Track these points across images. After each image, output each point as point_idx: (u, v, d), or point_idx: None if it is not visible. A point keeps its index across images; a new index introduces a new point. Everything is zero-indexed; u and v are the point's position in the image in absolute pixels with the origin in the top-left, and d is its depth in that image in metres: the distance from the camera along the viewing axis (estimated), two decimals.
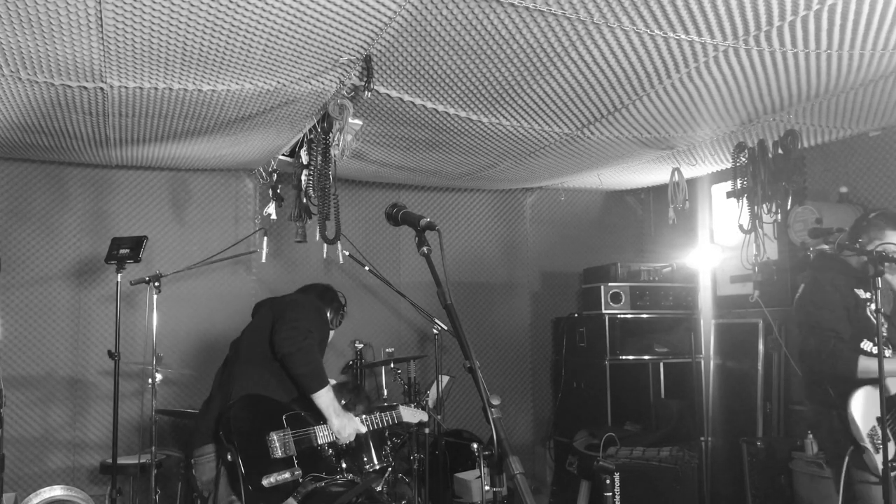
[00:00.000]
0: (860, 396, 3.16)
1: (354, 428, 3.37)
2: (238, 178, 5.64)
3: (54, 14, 2.65)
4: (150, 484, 4.17)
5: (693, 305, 5.34)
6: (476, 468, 4.83)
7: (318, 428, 3.33)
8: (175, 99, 3.63)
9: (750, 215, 4.17)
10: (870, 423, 3.13)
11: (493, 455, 1.61)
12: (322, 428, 3.34)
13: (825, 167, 4.79)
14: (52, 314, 5.10)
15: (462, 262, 6.16)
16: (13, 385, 4.89)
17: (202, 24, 2.78)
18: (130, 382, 5.04)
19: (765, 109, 3.87)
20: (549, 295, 6.50)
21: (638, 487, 4.49)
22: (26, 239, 5.07)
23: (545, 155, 4.82)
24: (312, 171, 4.00)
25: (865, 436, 3.10)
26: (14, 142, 4.42)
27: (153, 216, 5.38)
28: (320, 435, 3.32)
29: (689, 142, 4.54)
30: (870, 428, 3.11)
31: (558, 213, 6.58)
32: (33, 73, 3.24)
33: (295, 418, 3.29)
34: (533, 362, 6.41)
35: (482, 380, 1.69)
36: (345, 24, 2.83)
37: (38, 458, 4.97)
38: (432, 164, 5.16)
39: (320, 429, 3.34)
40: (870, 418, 3.13)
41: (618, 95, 3.62)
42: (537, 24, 2.83)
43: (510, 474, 1.56)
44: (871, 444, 3.08)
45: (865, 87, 3.56)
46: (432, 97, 3.68)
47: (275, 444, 3.15)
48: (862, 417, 3.12)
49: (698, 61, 3.18)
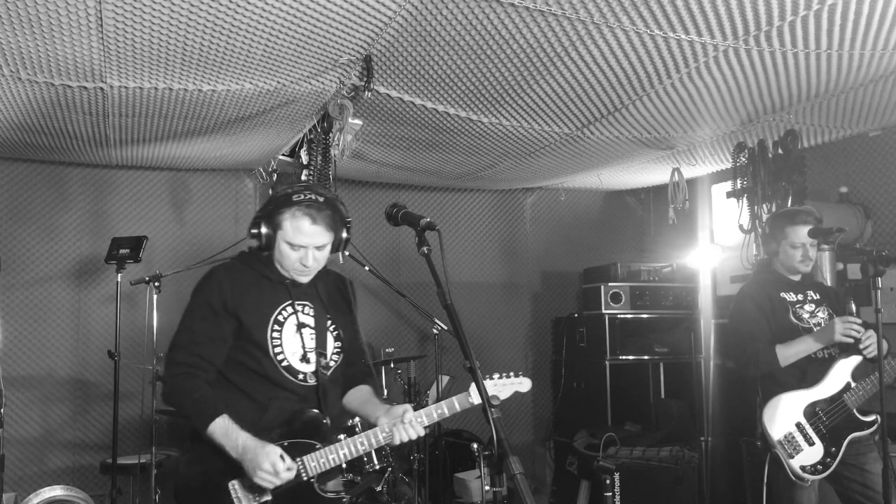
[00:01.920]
0: (774, 404, 3.18)
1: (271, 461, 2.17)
2: (238, 178, 5.64)
3: (54, 14, 2.65)
4: (150, 484, 4.17)
5: (693, 305, 5.33)
6: (476, 468, 4.83)
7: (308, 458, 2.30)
8: (175, 99, 3.63)
9: (750, 215, 4.17)
10: (784, 430, 3.14)
11: (493, 455, 1.61)
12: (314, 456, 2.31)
13: (825, 167, 4.79)
14: (52, 314, 5.10)
15: (462, 262, 6.16)
16: (13, 385, 4.88)
17: (202, 24, 2.78)
18: (130, 382, 5.04)
19: (765, 109, 3.87)
20: (549, 295, 6.50)
21: (638, 487, 4.49)
22: (26, 239, 5.07)
23: (545, 155, 4.82)
24: (312, 171, 4.00)
25: (776, 442, 3.12)
26: (14, 142, 4.42)
27: (153, 216, 5.38)
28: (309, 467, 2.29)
29: (689, 142, 4.54)
30: (783, 434, 3.13)
31: (558, 213, 6.58)
32: (33, 73, 3.24)
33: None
34: (533, 362, 6.41)
35: (482, 380, 1.69)
36: (345, 24, 2.83)
37: (38, 458, 4.97)
38: (432, 164, 5.16)
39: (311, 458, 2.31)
40: (786, 424, 3.15)
41: (618, 95, 3.62)
42: (537, 24, 2.83)
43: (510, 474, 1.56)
44: (781, 451, 3.10)
45: (865, 87, 3.56)
46: (432, 97, 3.68)
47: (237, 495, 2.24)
48: (775, 424, 3.15)
49: (698, 61, 3.18)
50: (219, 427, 2.21)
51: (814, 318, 3.30)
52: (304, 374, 2.37)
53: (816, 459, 3.11)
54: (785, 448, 3.11)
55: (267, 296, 2.39)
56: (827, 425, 3.13)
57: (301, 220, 2.29)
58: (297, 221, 2.30)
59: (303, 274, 2.39)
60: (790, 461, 3.10)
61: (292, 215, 2.30)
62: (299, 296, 2.42)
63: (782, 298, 3.32)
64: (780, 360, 3.18)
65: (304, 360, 2.39)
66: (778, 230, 3.35)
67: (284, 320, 2.38)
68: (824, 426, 3.13)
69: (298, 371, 2.37)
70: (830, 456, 3.11)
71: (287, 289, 2.41)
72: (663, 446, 4.72)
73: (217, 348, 2.34)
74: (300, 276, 2.40)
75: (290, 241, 2.31)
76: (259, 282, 2.40)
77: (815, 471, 3.10)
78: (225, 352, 2.36)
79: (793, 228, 3.29)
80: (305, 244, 2.31)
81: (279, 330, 2.37)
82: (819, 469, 3.10)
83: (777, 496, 3.19)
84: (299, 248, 2.32)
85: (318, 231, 2.32)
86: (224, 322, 2.33)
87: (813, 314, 3.31)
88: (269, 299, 2.38)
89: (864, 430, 3.16)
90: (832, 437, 3.13)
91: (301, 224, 2.29)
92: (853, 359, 3.22)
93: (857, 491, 3.15)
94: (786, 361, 3.18)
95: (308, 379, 2.38)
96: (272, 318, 2.36)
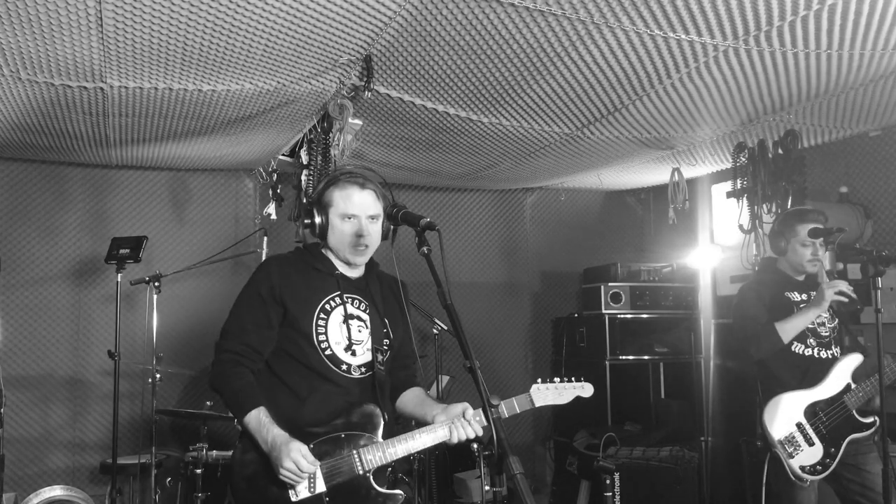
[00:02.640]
0: (775, 403, 3.18)
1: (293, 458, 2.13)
2: (238, 178, 5.63)
3: (54, 14, 2.65)
4: (151, 484, 4.18)
5: (693, 305, 5.33)
6: (476, 468, 4.83)
7: (365, 450, 2.27)
8: (175, 99, 3.63)
9: (750, 215, 4.17)
10: (785, 430, 3.14)
11: (493, 455, 1.61)
12: (371, 449, 2.28)
13: (825, 167, 4.79)
14: (52, 314, 5.10)
15: (462, 262, 6.16)
16: (13, 385, 4.88)
17: (202, 24, 2.78)
18: (130, 382, 5.04)
19: (765, 109, 3.87)
20: (549, 295, 6.50)
21: (638, 487, 4.49)
22: (26, 239, 5.07)
23: (545, 155, 4.82)
24: (312, 171, 4.00)
25: (777, 442, 3.12)
26: (14, 142, 4.42)
27: (153, 216, 5.37)
28: (365, 460, 2.26)
29: (689, 142, 4.54)
30: (784, 435, 3.13)
31: (558, 213, 6.58)
32: (33, 73, 3.24)
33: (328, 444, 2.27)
34: (533, 362, 6.41)
35: (482, 380, 1.69)
36: (345, 24, 2.83)
37: (38, 458, 4.97)
38: (432, 164, 5.16)
39: (368, 450, 2.28)
40: (786, 424, 3.15)
41: (618, 95, 3.62)
42: (537, 24, 2.83)
43: (510, 474, 1.56)
44: (781, 451, 3.10)
45: (865, 87, 3.56)
46: (432, 97, 3.68)
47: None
48: (776, 424, 3.15)
49: (698, 61, 3.18)
50: (253, 419, 2.20)
51: (818, 317, 3.30)
52: (349, 366, 2.34)
53: (816, 460, 3.11)
54: (785, 448, 3.11)
55: (315, 285, 2.37)
56: (827, 426, 3.13)
57: (350, 188, 2.31)
58: (347, 191, 2.32)
59: (360, 251, 2.35)
60: (790, 461, 3.10)
61: (341, 188, 2.33)
62: (349, 289, 2.40)
63: (787, 297, 3.32)
64: (781, 334, 3.17)
65: (348, 351, 2.35)
66: (788, 228, 3.34)
67: (331, 310, 2.36)
68: (824, 427, 3.13)
69: (342, 361, 2.33)
70: (830, 456, 3.11)
71: (336, 280, 2.39)
72: (663, 446, 4.73)
73: (265, 336, 2.33)
74: (358, 256, 2.37)
75: (343, 212, 2.31)
76: (308, 272, 2.38)
77: (815, 471, 3.10)
78: (273, 340, 2.34)
79: (804, 226, 3.29)
80: (358, 213, 2.31)
81: (325, 319, 2.34)
82: (818, 469, 3.10)
83: (777, 496, 3.19)
84: (353, 217, 2.31)
85: (369, 198, 2.32)
86: (271, 310, 2.31)
87: None
88: (317, 288, 2.37)
89: (864, 431, 3.16)
90: (832, 438, 3.13)
91: (351, 192, 2.31)
92: (854, 359, 3.22)
93: (857, 491, 3.15)
94: (787, 336, 3.17)
95: (352, 371, 2.34)
96: (318, 306, 2.34)
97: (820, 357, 3.23)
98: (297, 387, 2.31)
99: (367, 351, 2.37)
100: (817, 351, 3.24)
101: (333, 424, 2.28)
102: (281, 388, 2.33)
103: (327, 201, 2.35)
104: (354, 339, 2.35)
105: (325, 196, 2.35)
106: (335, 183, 2.35)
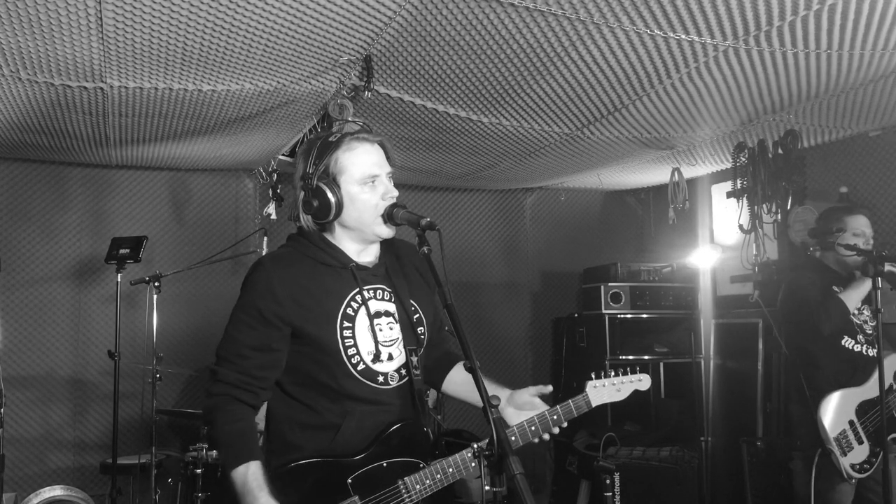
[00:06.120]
0: (831, 400, 3.19)
1: None
2: (238, 178, 5.63)
3: (54, 14, 2.65)
4: (151, 484, 4.18)
5: (693, 305, 5.33)
6: None
7: (412, 479, 1.95)
8: (175, 99, 3.63)
9: (750, 215, 4.17)
10: (839, 427, 3.15)
11: (493, 455, 1.60)
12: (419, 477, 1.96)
13: (825, 167, 4.79)
14: (52, 314, 5.10)
15: (462, 262, 6.16)
16: (13, 385, 4.88)
17: (202, 24, 2.78)
18: (130, 382, 5.04)
19: (765, 109, 3.87)
20: (549, 295, 6.50)
21: (638, 487, 4.49)
22: (26, 239, 5.07)
23: (545, 155, 4.82)
24: None
25: (832, 439, 3.13)
26: (14, 142, 4.42)
27: (153, 216, 5.37)
28: (413, 490, 1.95)
29: (689, 142, 4.54)
30: (838, 432, 3.14)
31: (558, 213, 6.58)
32: (33, 73, 3.24)
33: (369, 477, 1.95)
34: (533, 362, 6.41)
35: (482, 380, 1.69)
36: (345, 24, 2.83)
37: (38, 458, 4.97)
38: (432, 164, 5.16)
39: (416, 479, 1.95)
40: (840, 422, 3.16)
41: (618, 95, 3.62)
42: (537, 24, 2.83)
43: (510, 474, 1.55)
44: (836, 448, 3.11)
45: (865, 87, 3.56)
46: (432, 97, 3.68)
47: None
48: (831, 421, 3.15)
49: (698, 61, 3.18)
50: (239, 477, 1.82)
51: (861, 315, 3.31)
52: (385, 375, 1.97)
53: (863, 458, 3.13)
54: (840, 445, 3.12)
55: (330, 288, 1.95)
56: (874, 424, 3.14)
57: (360, 146, 1.93)
58: (358, 150, 1.93)
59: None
60: (843, 459, 3.10)
61: (348, 149, 1.92)
62: (368, 279, 2.00)
63: (834, 291, 3.32)
64: (847, 303, 3.18)
65: (381, 358, 1.97)
66: (836, 222, 3.35)
67: (355, 313, 1.96)
68: (872, 425, 3.14)
69: (377, 373, 1.96)
70: (875, 455, 3.13)
71: (352, 273, 1.97)
72: (663, 446, 4.72)
73: (267, 360, 1.94)
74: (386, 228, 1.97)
75: (363, 175, 1.91)
76: (317, 272, 1.96)
77: (862, 469, 3.13)
78: (279, 360, 1.95)
79: (852, 217, 3.31)
80: (377, 173, 1.93)
81: (350, 327, 1.94)
82: (865, 468, 3.13)
83: (817, 494, 3.19)
84: (375, 179, 1.93)
85: (381, 154, 1.97)
86: (273, 331, 1.92)
87: (860, 311, 3.34)
88: (332, 292, 1.95)
89: None
90: (877, 437, 3.14)
91: (364, 150, 1.93)
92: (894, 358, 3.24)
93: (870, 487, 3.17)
94: (851, 303, 3.19)
95: (389, 380, 1.98)
96: (340, 314, 1.94)
97: (868, 354, 3.25)
98: (325, 412, 1.94)
99: (401, 351, 2.01)
100: (866, 348, 3.26)
101: (372, 452, 1.95)
102: (304, 415, 1.97)
103: (336, 171, 1.91)
104: (386, 339, 1.98)
105: (331, 166, 1.92)
106: (339, 147, 1.92)
